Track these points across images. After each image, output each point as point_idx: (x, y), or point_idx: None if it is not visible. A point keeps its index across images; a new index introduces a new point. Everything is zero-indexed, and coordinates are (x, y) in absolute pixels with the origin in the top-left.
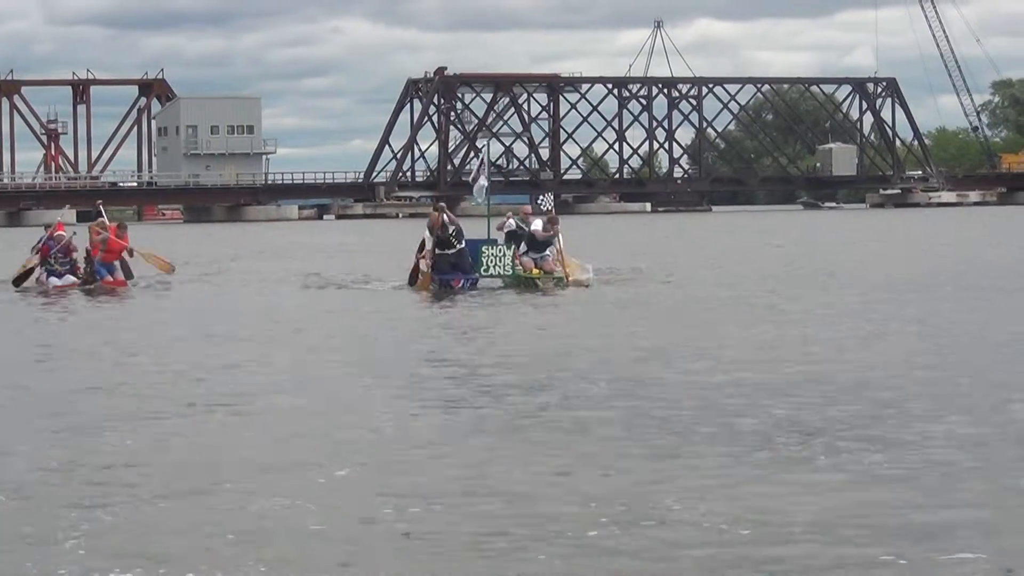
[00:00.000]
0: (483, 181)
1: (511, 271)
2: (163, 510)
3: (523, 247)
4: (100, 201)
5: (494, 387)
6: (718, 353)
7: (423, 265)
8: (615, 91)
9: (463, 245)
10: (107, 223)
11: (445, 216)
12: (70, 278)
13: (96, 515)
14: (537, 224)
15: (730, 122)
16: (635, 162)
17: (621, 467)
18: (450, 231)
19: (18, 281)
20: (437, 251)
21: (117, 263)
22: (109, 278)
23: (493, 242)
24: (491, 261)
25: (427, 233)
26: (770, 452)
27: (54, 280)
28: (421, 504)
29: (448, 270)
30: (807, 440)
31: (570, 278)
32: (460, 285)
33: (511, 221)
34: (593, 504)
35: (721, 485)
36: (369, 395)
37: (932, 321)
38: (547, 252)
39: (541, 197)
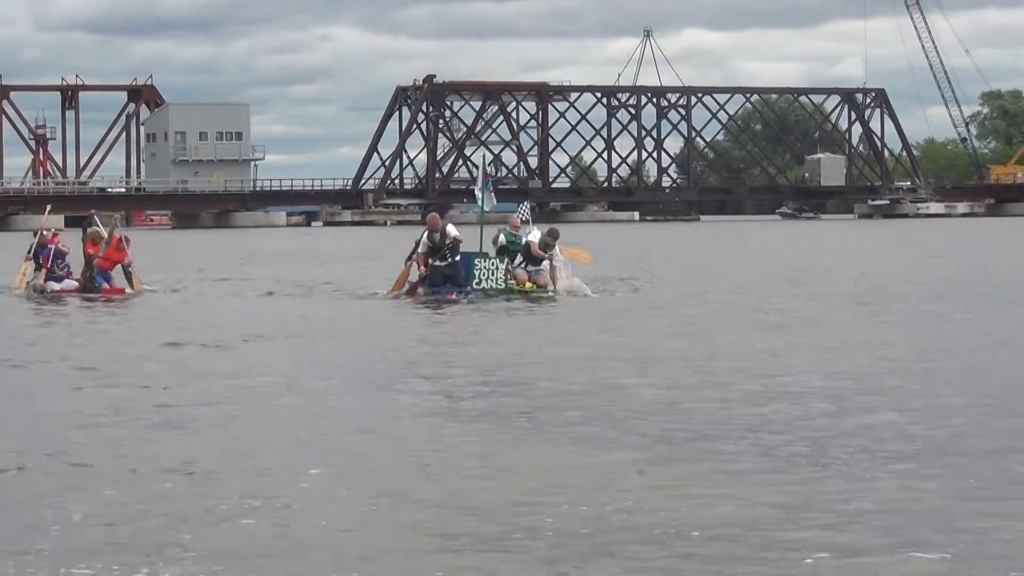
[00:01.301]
0: (479, 192)
1: (503, 284)
2: (139, 508)
3: (518, 259)
4: (93, 211)
5: (477, 393)
6: (701, 362)
7: (414, 270)
8: (604, 100)
9: (457, 259)
10: (102, 232)
11: (449, 227)
12: (69, 283)
13: (71, 512)
14: (535, 235)
15: (719, 132)
16: (624, 171)
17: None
18: (447, 241)
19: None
20: (430, 261)
21: (111, 272)
22: (107, 286)
23: (485, 255)
24: (483, 274)
25: (425, 235)
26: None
27: (53, 284)
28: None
29: (440, 282)
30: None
31: (563, 291)
32: (454, 296)
33: (501, 236)
34: (583, 508)
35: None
36: (350, 400)
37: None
38: (543, 266)
39: (520, 207)
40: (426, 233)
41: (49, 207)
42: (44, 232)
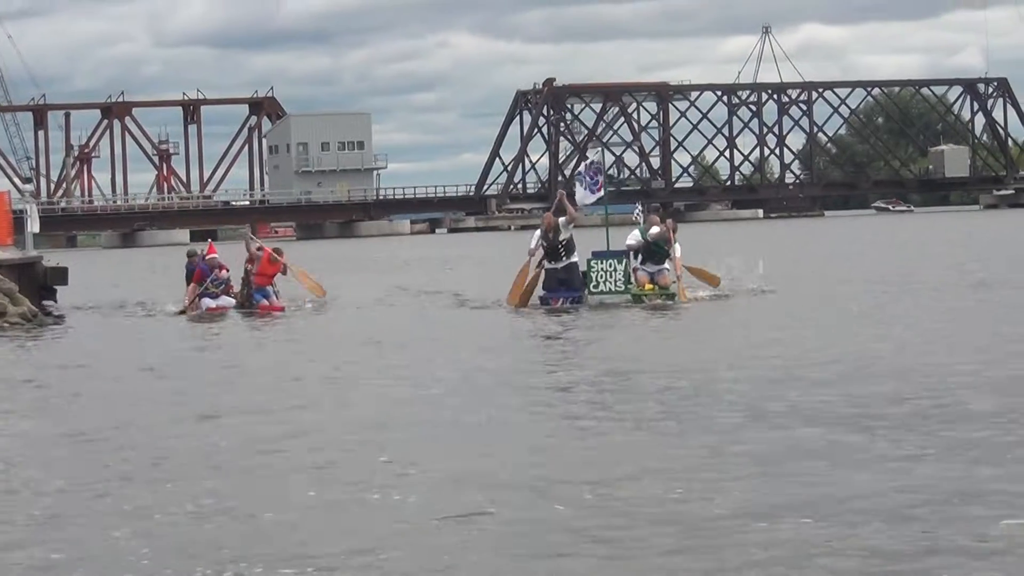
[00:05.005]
0: (580, 191)
1: (623, 287)
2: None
3: (639, 259)
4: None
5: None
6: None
7: (532, 265)
8: (724, 98)
9: (574, 259)
10: (253, 246)
11: (560, 220)
12: (226, 300)
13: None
14: (654, 231)
15: (841, 126)
16: (746, 168)
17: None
18: (561, 239)
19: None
20: (546, 264)
21: (270, 288)
22: (265, 303)
23: (603, 255)
24: (600, 277)
25: (537, 233)
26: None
27: (208, 301)
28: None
29: (555, 286)
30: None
31: (686, 295)
32: (559, 304)
33: (636, 232)
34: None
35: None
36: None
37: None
38: (665, 265)
39: (634, 208)
40: (539, 231)
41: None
42: (199, 251)
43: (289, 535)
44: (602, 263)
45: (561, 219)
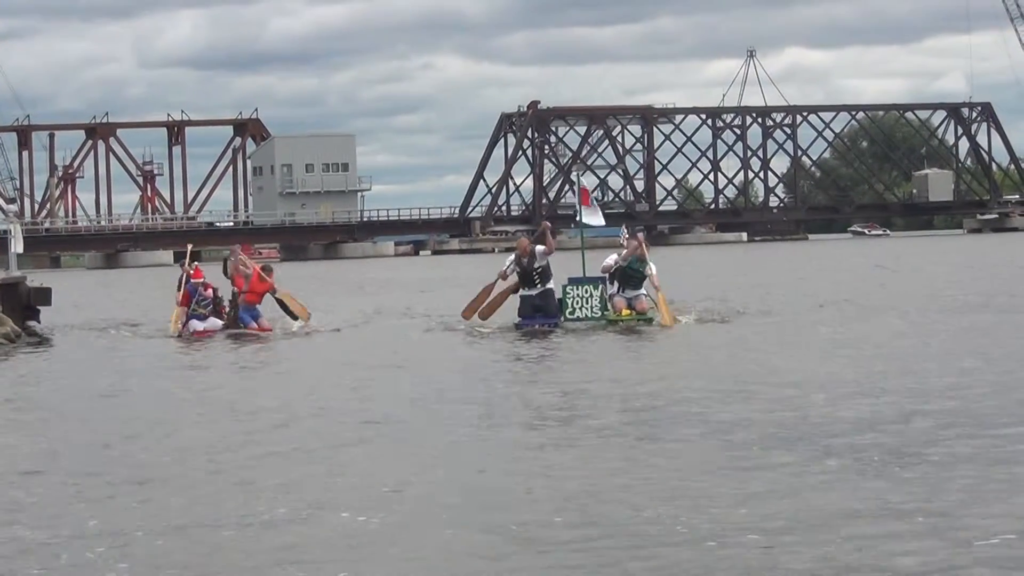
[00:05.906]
0: (580, 211)
1: (599, 313)
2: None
3: (615, 285)
4: (238, 245)
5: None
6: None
7: (498, 287)
8: (709, 121)
9: (550, 286)
10: (248, 262)
11: (538, 248)
12: (214, 321)
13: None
14: (624, 253)
15: (825, 150)
16: (730, 192)
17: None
18: (535, 266)
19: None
20: (521, 291)
21: (259, 308)
22: (253, 324)
23: (578, 281)
24: (576, 303)
25: (511, 257)
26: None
27: (196, 324)
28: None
29: (531, 313)
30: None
31: (664, 319)
32: (540, 329)
33: (613, 257)
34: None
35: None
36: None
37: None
38: (642, 290)
39: (622, 231)
40: (514, 256)
41: (191, 245)
42: (187, 267)
43: (260, 553)
44: (578, 289)
45: (539, 247)
